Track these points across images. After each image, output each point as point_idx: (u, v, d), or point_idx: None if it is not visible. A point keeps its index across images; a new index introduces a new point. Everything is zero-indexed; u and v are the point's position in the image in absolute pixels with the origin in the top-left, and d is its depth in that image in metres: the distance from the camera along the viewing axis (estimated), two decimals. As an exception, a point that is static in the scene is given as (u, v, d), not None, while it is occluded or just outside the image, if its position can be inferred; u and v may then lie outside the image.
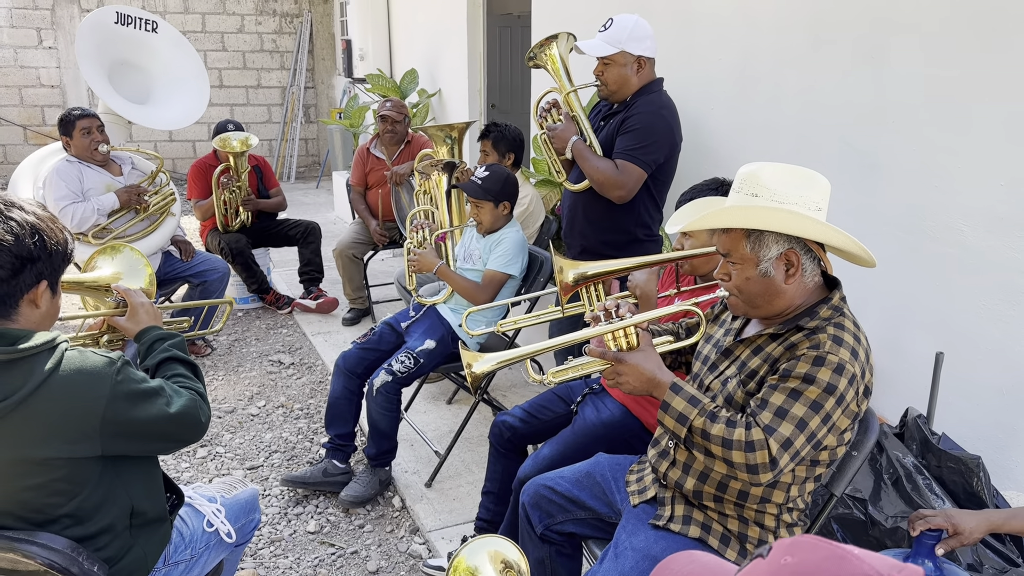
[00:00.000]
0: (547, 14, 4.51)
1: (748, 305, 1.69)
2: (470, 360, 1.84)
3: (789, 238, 1.60)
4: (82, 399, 1.49)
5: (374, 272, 5.33)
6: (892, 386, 2.57)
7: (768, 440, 1.52)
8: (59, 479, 1.51)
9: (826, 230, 1.57)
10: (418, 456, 3.36)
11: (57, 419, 1.47)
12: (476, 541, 1.56)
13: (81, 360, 1.52)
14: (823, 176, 1.63)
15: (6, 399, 1.42)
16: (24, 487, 1.49)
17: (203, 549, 1.93)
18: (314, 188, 9.67)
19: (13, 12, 8.86)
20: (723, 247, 1.67)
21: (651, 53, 2.81)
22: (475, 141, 4.29)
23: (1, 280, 1.45)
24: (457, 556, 1.53)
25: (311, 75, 10.19)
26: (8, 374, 1.43)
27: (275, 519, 2.94)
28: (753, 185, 1.61)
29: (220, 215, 4.81)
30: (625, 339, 1.72)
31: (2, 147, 9.18)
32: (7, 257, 1.45)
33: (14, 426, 1.44)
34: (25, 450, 1.46)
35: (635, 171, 2.75)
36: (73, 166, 3.96)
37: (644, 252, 2.91)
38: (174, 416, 1.62)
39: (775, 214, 1.57)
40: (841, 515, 2.08)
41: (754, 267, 1.63)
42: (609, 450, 2.14)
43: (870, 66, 2.56)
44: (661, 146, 2.78)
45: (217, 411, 3.78)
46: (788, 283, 1.63)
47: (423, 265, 3.18)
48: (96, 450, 1.53)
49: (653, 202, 2.91)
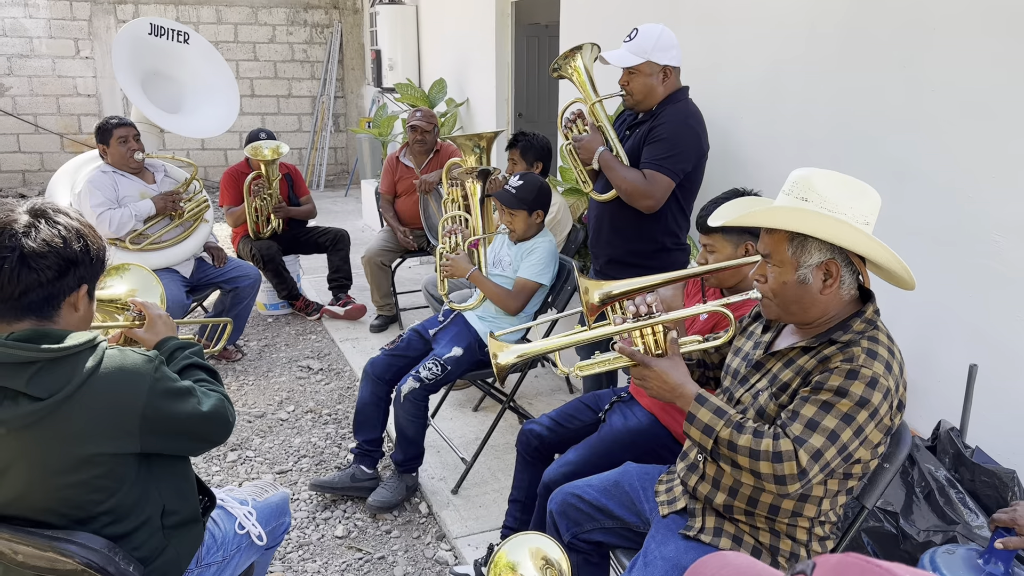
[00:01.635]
0: (575, 23, 4.54)
1: (781, 309, 1.68)
2: (496, 349, 1.84)
3: (832, 247, 1.58)
4: (123, 395, 1.54)
5: (401, 279, 5.37)
6: (924, 398, 2.54)
7: (798, 451, 1.52)
8: (100, 476, 1.55)
9: (873, 245, 1.55)
10: (444, 463, 3.37)
11: (100, 415, 1.52)
12: (518, 537, 1.58)
13: (122, 358, 1.57)
14: (875, 190, 1.61)
15: (52, 396, 1.46)
16: (67, 484, 1.52)
17: (234, 551, 1.96)
18: (343, 196, 9.76)
19: (52, 23, 9.07)
20: (764, 247, 1.66)
21: (676, 62, 2.80)
22: (503, 150, 4.32)
23: (48, 281, 1.50)
24: (499, 551, 1.54)
25: (341, 85, 10.31)
26: (53, 372, 1.47)
27: (303, 523, 2.96)
28: (805, 189, 1.59)
29: (252, 222, 4.88)
30: (653, 336, 1.71)
31: (39, 155, 9.38)
32: (54, 259, 1.50)
33: (59, 422, 1.48)
34: (70, 446, 1.50)
35: (663, 180, 2.75)
36: (108, 176, 4.04)
37: (672, 261, 2.92)
38: (206, 415, 1.67)
39: (823, 221, 1.55)
40: (872, 528, 2.06)
41: (793, 272, 1.62)
42: (636, 458, 2.14)
43: (903, 74, 2.55)
44: (688, 155, 2.78)
45: (247, 416, 3.83)
46: (824, 293, 1.62)
47: (456, 270, 3.20)
48: (135, 447, 1.58)
49: (681, 210, 2.90)
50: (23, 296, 1.48)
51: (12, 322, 1.50)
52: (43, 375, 1.46)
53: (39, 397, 1.45)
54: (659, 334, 1.71)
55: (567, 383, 4.17)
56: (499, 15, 5.89)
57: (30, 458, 1.48)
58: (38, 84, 9.18)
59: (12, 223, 1.48)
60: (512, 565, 1.55)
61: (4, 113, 9.11)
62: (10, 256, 1.46)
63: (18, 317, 1.50)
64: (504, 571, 1.55)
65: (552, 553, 1.56)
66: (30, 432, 1.47)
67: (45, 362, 1.47)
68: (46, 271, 1.49)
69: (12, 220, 1.49)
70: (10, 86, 9.07)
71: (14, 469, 1.49)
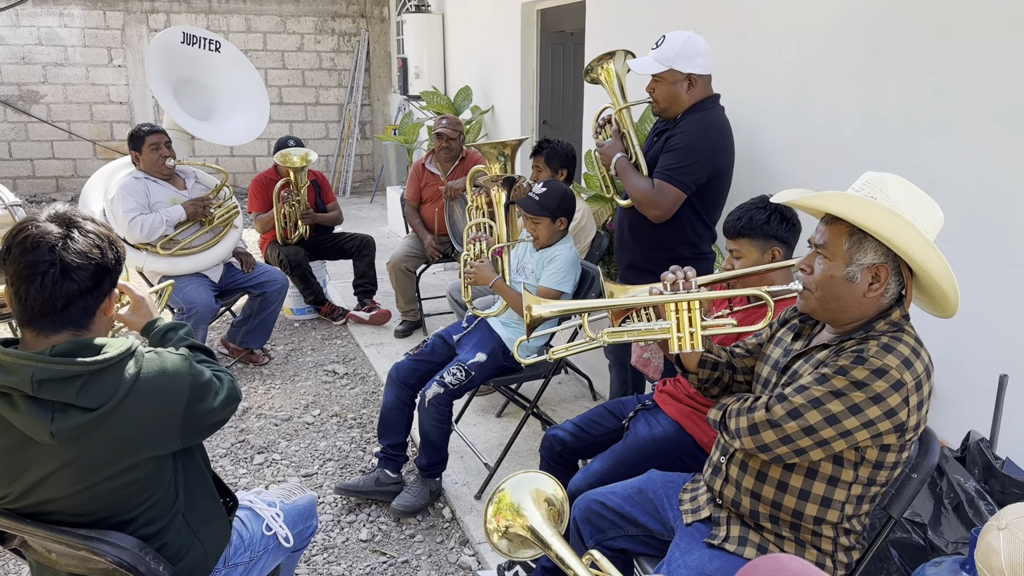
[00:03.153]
0: (601, 31, 4.55)
1: (820, 304, 1.66)
2: (531, 302, 1.83)
3: (887, 252, 1.57)
4: (168, 398, 1.58)
5: (426, 285, 5.40)
6: (953, 409, 2.51)
7: (773, 406, 1.61)
8: (142, 477, 1.58)
9: (931, 253, 1.53)
10: (468, 468, 3.39)
11: (147, 419, 1.55)
12: (517, 477, 1.61)
13: (161, 361, 1.60)
14: (940, 210, 1.59)
15: (102, 406, 1.48)
16: (111, 487, 1.56)
17: (261, 552, 1.99)
18: (368, 203, 9.84)
19: (85, 32, 9.27)
20: (820, 236, 1.64)
21: (703, 70, 2.76)
22: (527, 157, 4.34)
23: (87, 291, 1.52)
24: (500, 490, 1.56)
25: (367, 92, 10.40)
26: (100, 382, 1.49)
27: (328, 526, 2.99)
28: (876, 190, 1.58)
29: (280, 228, 4.94)
30: (688, 312, 1.71)
31: (72, 161, 9.57)
32: (93, 269, 1.52)
33: (109, 430, 1.51)
34: (118, 452, 1.53)
35: (671, 191, 2.71)
36: (140, 182, 4.11)
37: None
38: (225, 400, 1.72)
39: (892, 218, 1.53)
40: (899, 539, 2.04)
41: (843, 267, 1.60)
42: (661, 467, 2.14)
43: (933, 80, 2.53)
44: (702, 166, 2.72)
45: (273, 419, 3.87)
46: (867, 296, 1.60)
47: (480, 278, 3.21)
48: (176, 444, 1.62)
49: (700, 221, 2.86)
50: (64, 309, 1.50)
51: (51, 335, 1.52)
52: (90, 386, 1.48)
53: (90, 408, 1.47)
54: (694, 311, 1.71)
55: (590, 390, 4.17)
56: (525, 23, 5.92)
57: (78, 465, 1.51)
58: (72, 92, 9.38)
59: (46, 235, 1.48)
60: (516, 507, 1.57)
61: (39, 120, 9.31)
62: (53, 270, 1.47)
63: (57, 329, 1.52)
64: (509, 513, 1.57)
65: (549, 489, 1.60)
66: (79, 441, 1.49)
67: (90, 374, 1.48)
68: (85, 282, 1.51)
69: (45, 232, 1.48)
70: (45, 94, 9.27)
71: (60, 474, 1.52)
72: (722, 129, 2.81)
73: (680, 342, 1.73)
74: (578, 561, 1.49)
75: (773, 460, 1.66)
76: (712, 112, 2.81)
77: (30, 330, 1.52)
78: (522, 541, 1.57)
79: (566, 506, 1.62)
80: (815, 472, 1.65)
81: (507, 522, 1.57)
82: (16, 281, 1.47)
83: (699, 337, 1.72)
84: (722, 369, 1.93)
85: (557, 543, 1.52)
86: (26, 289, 1.47)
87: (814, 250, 1.66)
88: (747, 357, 1.97)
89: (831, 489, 1.64)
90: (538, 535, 1.54)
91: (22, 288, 1.47)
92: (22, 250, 1.47)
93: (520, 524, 1.56)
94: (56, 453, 1.50)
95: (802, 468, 1.66)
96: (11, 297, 1.50)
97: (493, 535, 1.58)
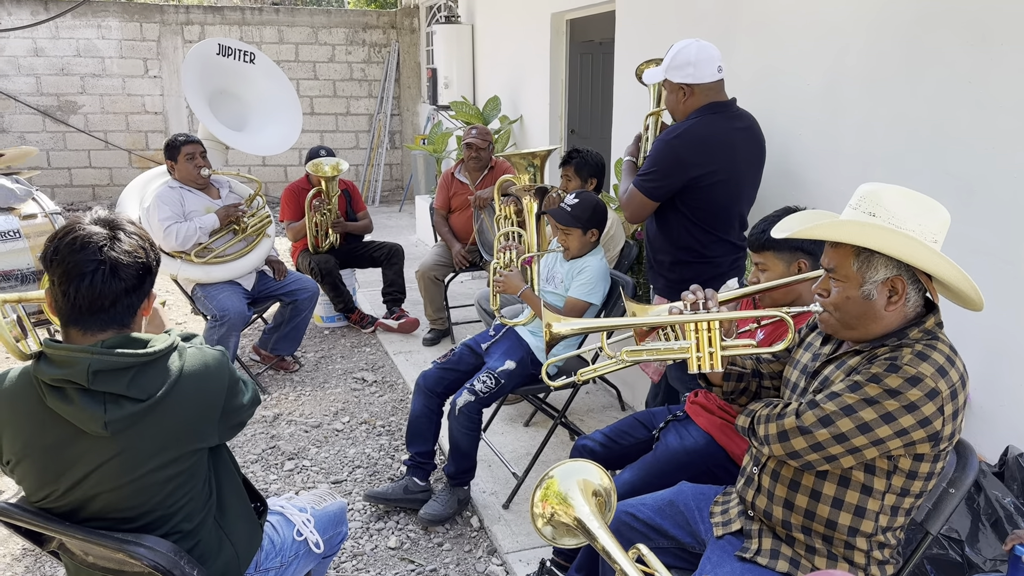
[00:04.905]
0: (630, 40, 4.55)
1: (842, 324, 1.65)
2: (550, 320, 1.84)
3: (899, 264, 1.56)
4: (209, 391, 1.65)
5: (454, 294, 5.43)
6: (991, 423, 2.46)
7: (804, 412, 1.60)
8: (184, 471, 1.63)
9: (940, 263, 1.52)
10: (496, 477, 3.39)
11: (191, 411, 1.61)
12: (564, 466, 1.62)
13: (202, 356, 1.66)
14: (944, 208, 1.58)
15: (151, 396, 1.55)
16: (158, 480, 1.60)
17: (292, 558, 2.01)
18: (397, 211, 9.92)
19: (123, 43, 9.47)
20: (828, 261, 1.64)
21: (694, 80, 2.75)
22: (556, 167, 4.34)
23: (131, 289, 1.58)
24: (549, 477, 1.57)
25: (397, 103, 10.50)
26: (148, 374, 1.56)
27: (357, 533, 3.01)
28: (872, 204, 1.57)
29: (311, 237, 5.00)
30: (708, 332, 1.71)
31: (109, 170, 9.77)
32: (137, 268, 1.59)
33: (156, 422, 1.57)
34: (163, 443, 1.58)
35: (636, 197, 2.84)
36: (175, 191, 4.18)
37: (693, 273, 2.87)
38: (251, 400, 1.81)
39: (890, 236, 1.53)
40: (936, 556, 2.01)
41: (857, 287, 1.60)
42: (692, 479, 2.13)
43: (969, 89, 2.49)
44: (665, 175, 2.76)
45: (304, 425, 3.91)
46: (888, 310, 1.59)
47: (508, 287, 3.22)
48: (215, 439, 1.68)
49: (697, 227, 2.86)
50: (111, 307, 1.56)
51: (97, 332, 1.57)
52: (140, 378, 1.54)
53: (139, 399, 1.53)
54: (713, 331, 1.70)
55: (619, 400, 4.15)
56: (554, 33, 5.94)
57: (125, 456, 1.56)
58: (109, 102, 9.58)
59: (94, 235, 1.55)
60: (563, 496, 1.57)
61: (77, 130, 9.52)
62: (102, 268, 1.53)
63: (103, 327, 1.57)
64: (556, 501, 1.57)
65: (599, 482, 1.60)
66: (129, 432, 1.55)
67: (140, 366, 1.55)
68: (131, 280, 1.57)
69: (93, 233, 1.55)
70: (82, 104, 9.48)
71: (107, 467, 1.56)
72: (694, 139, 2.76)
73: (700, 362, 1.73)
74: (624, 555, 1.48)
75: (804, 468, 1.64)
76: (692, 123, 2.78)
77: (76, 329, 1.57)
78: (567, 530, 1.58)
79: (613, 497, 1.61)
80: (847, 480, 1.63)
81: (553, 509, 1.57)
82: (64, 280, 1.53)
83: (719, 357, 1.72)
84: (747, 379, 1.92)
85: (604, 535, 1.52)
86: (75, 288, 1.52)
87: (826, 274, 1.66)
88: (774, 362, 1.96)
89: (864, 498, 1.62)
90: (584, 526, 1.54)
91: (71, 287, 1.52)
92: (71, 250, 1.53)
93: (567, 513, 1.56)
94: (105, 445, 1.54)
95: (834, 476, 1.65)
96: (57, 297, 1.56)
97: (538, 520, 1.59)
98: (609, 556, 1.48)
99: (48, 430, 1.55)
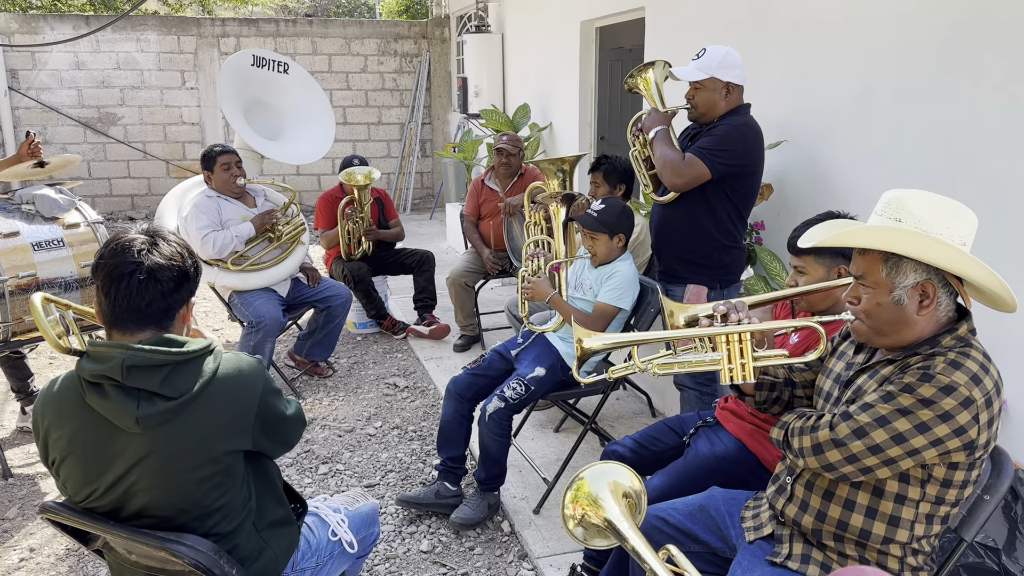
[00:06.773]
0: (660, 47, 4.56)
1: (874, 332, 1.65)
2: (581, 335, 1.86)
3: (928, 268, 1.55)
4: (242, 395, 1.69)
5: (484, 300, 5.46)
6: (1029, 430, 2.43)
7: (838, 424, 1.59)
8: (218, 472, 1.67)
9: (970, 264, 1.52)
10: (526, 482, 3.40)
11: (222, 414, 1.65)
12: (595, 468, 1.64)
13: (236, 360, 1.72)
14: (971, 211, 1.57)
15: (183, 395, 1.60)
16: (190, 480, 1.65)
17: (327, 558, 2.04)
18: (427, 219, 9.99)
19: (160, 56, 9.69)
20: (857, 269, 1.65)
21: (739, 81, 2.98)
22: (585, 173, 4.36)
23: (169, 291, 1.65)
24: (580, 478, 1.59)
25: (428, 111, 10.59)
26: (181, 373, 1.61)
27: (390, 536, 3.05)
28: (898, 210, 1.57)
29: (344, 244, 5.07)
30: (739, 344, 1.71)
31: (147, 180, 9.98)
32: (174, 272, 1.66)
33: (188, 420, 1.62)
34: (196, 442, 1.63)
35: (699, 166, 2.90)
36: (212, 200, 4.27)
37: (729, 259, 3.10)
38: (294, 415, 1.86)
39: (918, 240, 1.53)
40: (971, 564, 1.99)
41: (887, 293, 1.59)
42: (723, 484, 2.12)
43: (1004, 94, 2.47)
44: (734, 155, 2.91)
45: (337, 430, 3.96)
46: (920, 314, 1.59)
47: (537, 294, 3.25)
48: (248, 443, 1.71)
49: (737, 213, 3.06)
50: (148, 307, 1.63)
51: (135, 332, 1.64)
52: (173, 376, 1.60)
53: (172, 396, 1.59)
54: (745, 342, 1.71)
55: (649, 406, 4.15)
56: (584, 40, 5.96)
57: (159, 454, 1.61)
58: (147, 114, 9.80)
59: (134, 241, 1.64)
60: (594, 498, 1.59)
61: (116, 141, 9.75)
62: (138, 269, 1.61)
63: (141, 327, 1.64)
64: (587, 503, 1.59)
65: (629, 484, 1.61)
66: (161, 429, 1.60)
67: (174, 364, 1.60)
68: (167, 283, 1.64)
69: (133, 239, 1.65)
70: (122, 116, 9.71)
71: (144, 464, 1.61)
72: (756, 131, 3.00)
73: (731, 373, 1.73)
74: (655, 556, 1.49)
75: (839, 478, 1.64)
76: (749, 118, 3.02)
77: (117, 330, 1.64)
78: (597, 531, 1.59)
79: (643, 500, 1.63)
80: (882, 490, 1.62)
81: (583, 511, 1.59)
82: (106, 282, 1.62)
83: (751, 368, 1.72)
84: (780, 389, 1.92)
85: (634, 536, 1.53)
86: (116, 289, 1.61)
87: (855, 281, 1.66)
88: (807, 371, 1.96)
89: (899, 507, 1.62)
90: (615, 527, 1.56)
91: (112, 289, 1.61)
92: (112, 254, 1.63)
93: (597, 515, 1.58)
94: (140, 443, 1.60)
95: (868, 486, 1.64)
96: (100, 300, 1.64)
97: (569, 521, 1.61)
98: (639, 556, 1.49)
99: (89, 428, 1.61)
